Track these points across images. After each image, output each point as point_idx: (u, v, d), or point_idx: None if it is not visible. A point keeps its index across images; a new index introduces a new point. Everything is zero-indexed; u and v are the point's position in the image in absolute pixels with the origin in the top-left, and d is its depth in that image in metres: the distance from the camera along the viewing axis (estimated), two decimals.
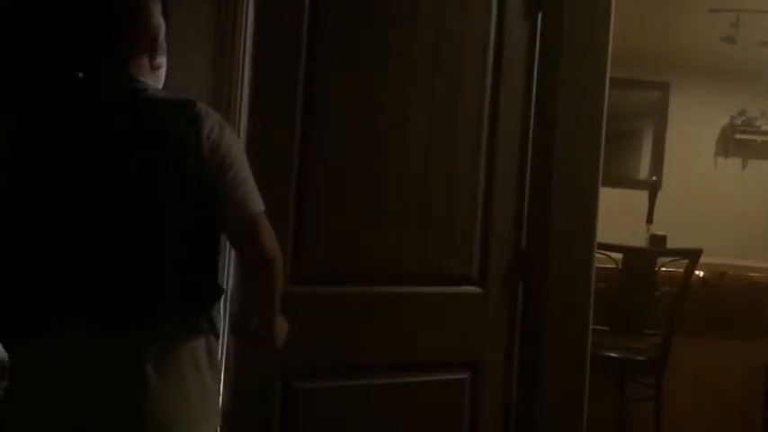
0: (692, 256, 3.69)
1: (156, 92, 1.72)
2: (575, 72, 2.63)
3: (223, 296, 1.80)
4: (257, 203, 1.69)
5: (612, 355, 3.74)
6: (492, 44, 2.45)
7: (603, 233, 2.84)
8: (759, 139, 6.44)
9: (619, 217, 4.39)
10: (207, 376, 1.68)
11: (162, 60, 1.79)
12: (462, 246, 2.42)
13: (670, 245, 4.34)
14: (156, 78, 1.78)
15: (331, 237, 2.15)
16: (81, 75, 1.75)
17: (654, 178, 5.78)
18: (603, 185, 2.74)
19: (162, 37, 1.78)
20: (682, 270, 3.72)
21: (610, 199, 3.31)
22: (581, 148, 2.66)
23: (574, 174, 2.65)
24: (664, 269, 3.76)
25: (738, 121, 6.43)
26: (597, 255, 2.78)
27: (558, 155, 2.62)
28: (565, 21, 2.60)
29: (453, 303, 2.42)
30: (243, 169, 1.69)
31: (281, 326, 1.80)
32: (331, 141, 2.14)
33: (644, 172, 6.46)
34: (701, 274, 4.08)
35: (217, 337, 1.74)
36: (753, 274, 4.31)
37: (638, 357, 3.82)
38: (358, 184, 2.20)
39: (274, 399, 2.10)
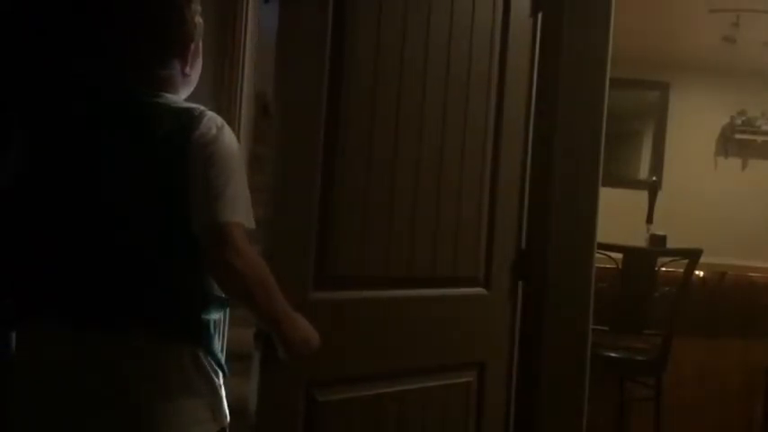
0: (692, 256, 3.69)
1: (167, 99, 1.69)
2: (575, 72, 2.63)
3: (219, 304, 1.73)
4: (232, 213, 1.59)
5: (612, 355, 3.74)
6: (498, 44, 2.44)
7: (603, 233, 2.84)
8: (759, 139, 6.44)
9: (619, 217, 4.39)
10: (195, 381, 1.65)
11: (194, 68, 1.77)
12: (469, 248, 2.41)
13: (670, 245, 4.35)
14: (187, 85, 1.77)
15: (353, 243, 2.12)
16: (94, 80, 1.74)
17: (654, 178, 5.77)
18: (603, 185, 2.74)
19: (197, 45, 1.75)
20: (682, 270, 3.72)
21: (610, 199, 3.30)
22: (581, 148, 2.66)
23: (574, 174, 2.65)
24: (664, 269, 3.76)
25: (738, 121, 6.44)
26: (597, 255, 2.78)
27: (558, 155, 2.62)
28: (565, 21, 2.60)
29: (462, 305, 2.41)
30: (226, 174, 1.61)
31: (299, 332, 1.72)
32: (352, 150, 2.10)
33: (644, 172, 6.46)
34: (701, 274, 4.08)
35: (203, 344, 1.68)
36: (753, 274, 4.31)
37: (638, 357, 3.82)
38: (377, 192, 2.17)
39: (297, 410, 2.03)
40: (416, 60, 2.23)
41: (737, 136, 6.46)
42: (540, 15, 2.57)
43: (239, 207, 1.62)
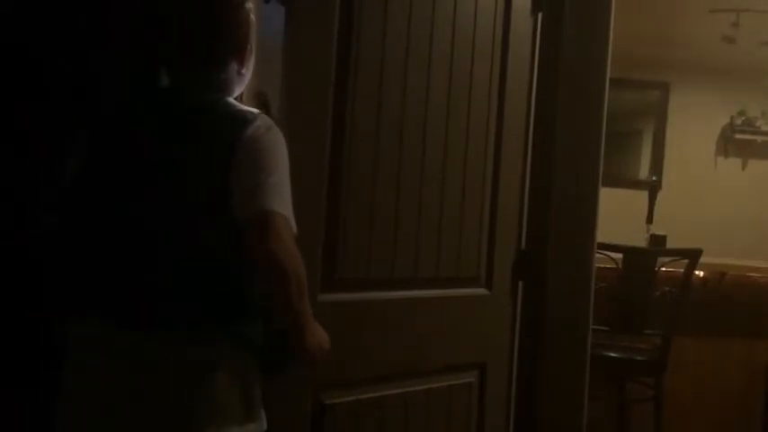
0: (692, 256, 3.69)
1: (223, 103, 1.69)
2: (575, 72, 2.63)
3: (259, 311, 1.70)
4: (277, 204, 1.58)
5: (612, 355, 3.74)
6: (499, 44, 2.44)
7: (603, 233, 2.84)
8: (759, 139, 6.44)
9: (619, 217, 4.40)
10: (232, 383, 1.63)
11: (248, 67, 1.78)
12: (471, 248, 2.41)
13: (670, 245, 4.35)
14: (241, 83, 1.78)
15: (360, 246, 2.12)
16: (153, 83, 1.76)
17: (654, 178, 5.78)
18: (603, 185, 2.74)
19: (251, 44, 1.76)
20: (682, 270, 3.72)
21: (610, 199, 3.31)
22: (581, 148, 2.66)
23: (574, 174, 2.65)
24: (664, 269, 3.76)
25: (738, 121, 6.43)
26: (597, 255, 2.79)
27: (558, 155, 2.62)
28: (565, 21, 2.60)
29: (464, 305, 2.41)
30: (271, 167, 1.61)
31: (316, 337, 1.69)
32: (358, 152, 2.10)
33: (644, 172, 6.46)
34: (701, 274, 4.08)
35: (243, 348, 1.66)
36: (753, 274, 4.31)
37: (638, 357, 3.82)
38: (382, 194, 2.17)
39: (305, 413, 2.04)
40: (420, 61, 2.23)
41: (737, 136, 6.46)
42: (540, 15, 2.57)
43: (284, 200, 1.61)
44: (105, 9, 1.98)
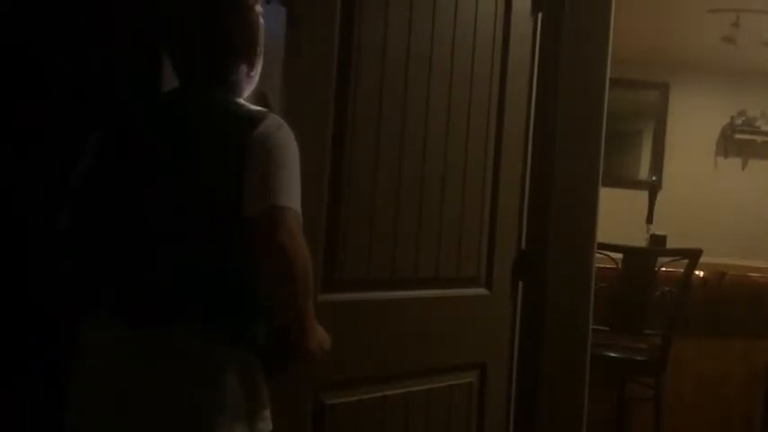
0: (692, 256, 3.69)
1: (234, 104, 1.70)
2: (575, 72, 2.63)
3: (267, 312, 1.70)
4: (288, 199, 1.59)
5: (612, 355, 3.74)
6: (499, 44, 2.44)
7: (603, 233, 2.84)
8: (759, 139, 6.45)
9: (619, 217, 4.40)
10: (238, 383, 1.63)
11: (257, 69, 1.79)
12: (471, 248, 2.41)
13: (670, 245, 4.35)
14: (250, 84, 1.79)
15: (360, 246, 2.12)
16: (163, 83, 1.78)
17: (654, 178, 5.79)
18: (603, 185, 2.74)
19: (261, 47, 1.77)
20: (682, 270, 3.72)
21: (610, 199, 3.31)
22: (581, 148, 2.66)
23: (574, 174, 2.65)
24: (664, 269, 3.76)
25: (738, 121, 6.44)
26: (597, 255, 2.79)
27: (558, 155, 2.62)
28: (565, 20, 2.60)
29: (464, 305, 2.41)
30: (282, 163, 1.62)
31: (316, 337, 1.69)
32: (359, 153, 2.11)
33: (644, 172, 6.47)
34: (701, 274, 4.08)
35: (251, 350, 1.67)
36: (753, 274, 4.30)
37: (638, 357, 3.82)
38: (383, 195, 2.17)
39: (305, 413, 2.03)
40: (421, 62, 2.23)
41: (737, 136, 6.47)
42: (540, 15, 2.58)
43: (295, 195, 1.62)
44: (115, 9, 1.99)
